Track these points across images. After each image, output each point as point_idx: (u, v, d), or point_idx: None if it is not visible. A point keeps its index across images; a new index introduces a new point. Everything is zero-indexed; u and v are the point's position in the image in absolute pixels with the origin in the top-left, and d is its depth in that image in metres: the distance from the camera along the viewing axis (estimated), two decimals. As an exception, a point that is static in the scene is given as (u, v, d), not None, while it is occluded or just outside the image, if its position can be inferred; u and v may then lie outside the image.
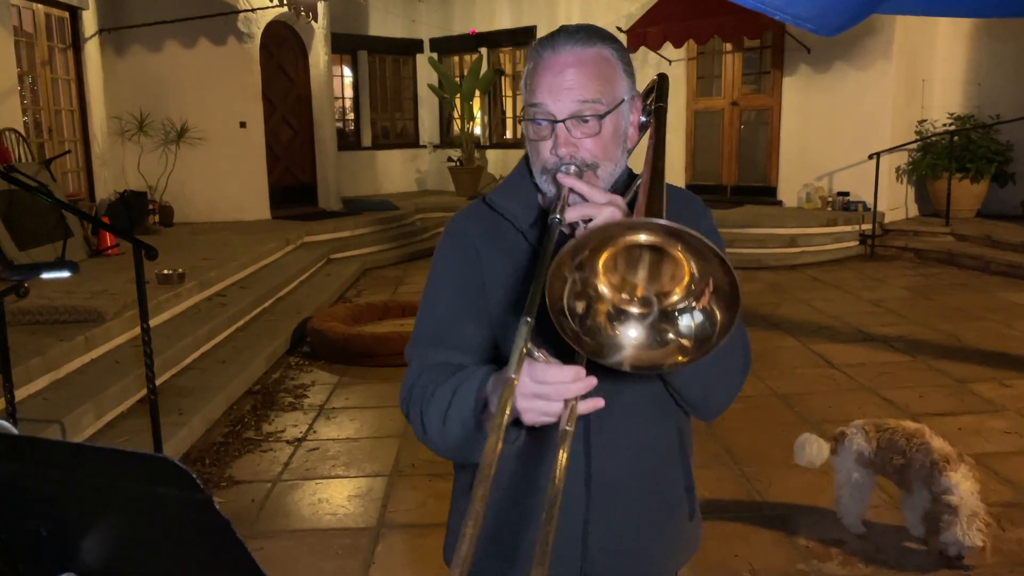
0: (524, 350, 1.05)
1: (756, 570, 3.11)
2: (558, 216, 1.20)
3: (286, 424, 4.78)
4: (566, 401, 1.09)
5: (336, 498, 3.84)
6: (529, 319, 1.06)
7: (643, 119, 1.42)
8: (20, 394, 3.90)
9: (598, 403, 1.10)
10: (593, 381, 1.08)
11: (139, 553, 0.84)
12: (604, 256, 1.06)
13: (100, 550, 0.84)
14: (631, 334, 1.08)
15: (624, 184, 1.37)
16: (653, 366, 1.09)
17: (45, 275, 3.52)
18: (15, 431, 0.83)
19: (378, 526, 3.55)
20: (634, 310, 1.08)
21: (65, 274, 3.40)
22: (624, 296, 1.09)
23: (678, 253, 1.03)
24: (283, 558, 3.30)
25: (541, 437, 1.34)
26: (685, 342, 1.07)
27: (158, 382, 4.07)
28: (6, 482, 0.81)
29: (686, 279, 1.05)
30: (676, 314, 1.07)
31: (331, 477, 4.07)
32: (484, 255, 1.38)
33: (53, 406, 4.08)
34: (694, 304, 1.06)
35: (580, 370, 1.07)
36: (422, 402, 1.29)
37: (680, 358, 1.07)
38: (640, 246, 1.05)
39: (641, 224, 1.04)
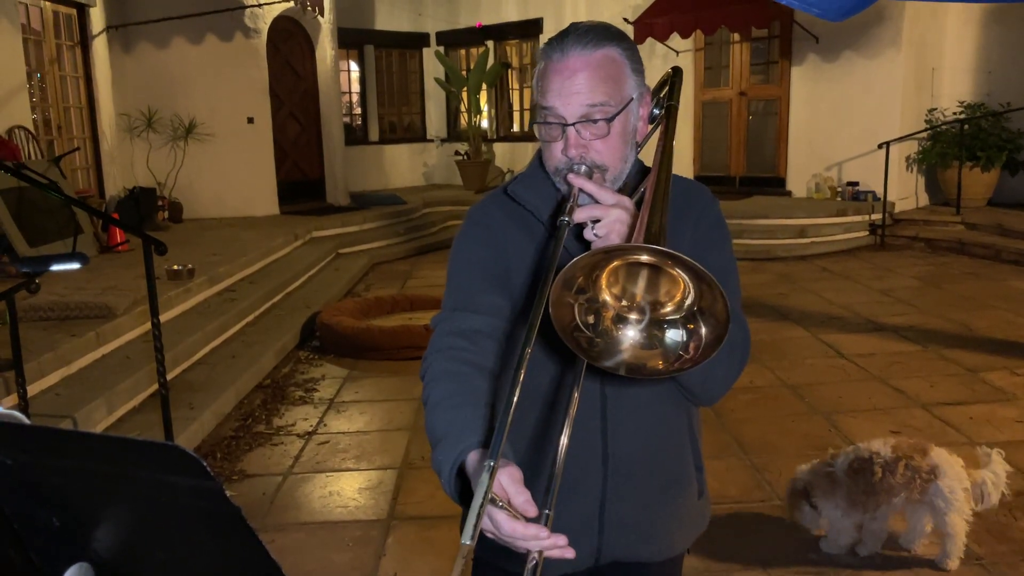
0: (482, 505, 0.95)
1: (767, 560, 3.11)
2: (566, 218, 1.23)
3: (296, 418, 4.80)
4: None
5: (347, 491, 3.85)
6: (491, 463, 0.97)
7: (655, 112, 1.44)
8: (32, 389, 3.93)
9: (567, 553, 1.02)
10: (558, 540, 1.01)
11: (150, 542, 0.84)
12: (606, 271, 1.10)
13: (112, 539, 0.85)
14: (630, 334, 1.12)
15: (635, 179, 1.41)
16: (644, 369, 1.12)
17: (55, 267, 3.53)
18: (27, 421, 0.83)
19: (389, 518, 3.56)
20: (633, 316, 1.12)
21: (75, 266, 3.40)
22: (624, 304, 1.13)
23: (672, 271, 1.07)
24: (295, 550, 3.32)
25: (550, 421, 1.41)
26: (669, 353, 1.11)
27: (169, 377, 4.09)
28: (18, 472, 0.81)
29: (679, 295, 1.09)
30: (665, 325, 1.11)
31: (342, 470, 4.08)
32: (509, 239, 1.42)
33: (65, 401, 4.10)
34: (683, 319, 1.09)
35: (540, 529, 1.01)
36: (427, 397, 1.30)
37: (660, 364, 1.11)
38: (640, 261, 1.09)
39: (630, 249, 1.06)
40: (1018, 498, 3.43)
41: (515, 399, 1.01)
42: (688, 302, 1.08)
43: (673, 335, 1.10)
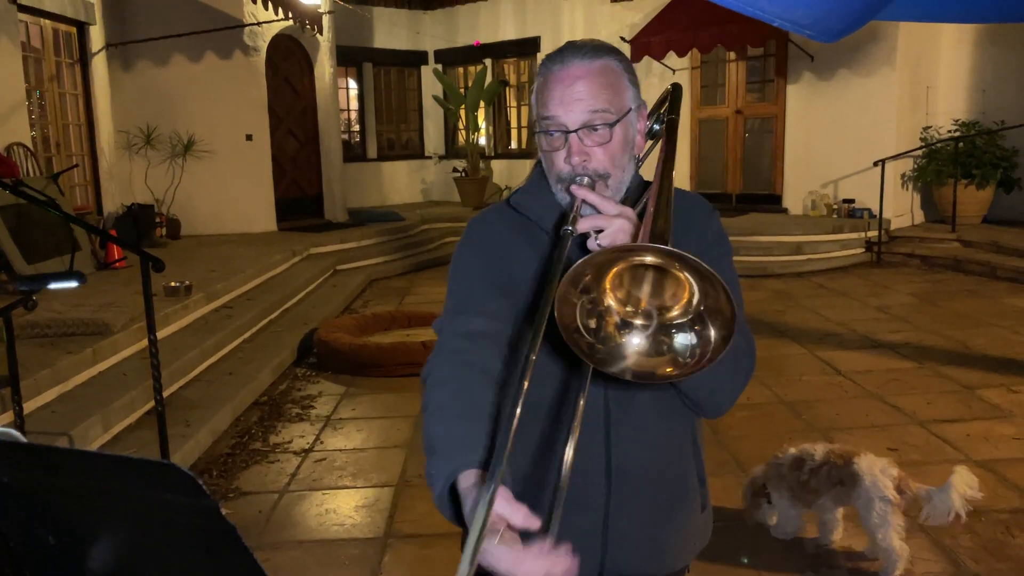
0: (480, 533, 0.92)
1: (764, 578, 3.10)
2: (570, 228, 1.23)
3: (293, 435, 4.79)
4: None
5: (343, 508, 3.84)
6: (488, 495, 0.94)
7: (655, 128, 1.46)
8: (29, 407, 3.92)
9: (570, 573, 1.01)
10: (557, 563, 0.99)
11: (146, 560, 0.84)
12: (611, 274, 1.10)
13: (107, 557, 0.85)
14: (635, 341, 1.12)
15: (636, 192, 1.42)
16: (653, 375, 1.12)
17: (53, 285, 3.52)
18: (23, 439, 0.83)
19: (385, 536, 3.55)
20: (638, 322, 1.13)
21: (73, 284, 3.40)
22: (629, 309, 1.13)
23: (678, 272, 1.07)
24: (290, 568, 3.30)
25: (555, 439, 1.40)
26: (679, 357, 1.11)
27: (165, 394, 4.08)
28: (14, 489, 0.82)
29: (685, 297, 1.10)
30: (673, 329, 1.11)
31: (338, 488, 4.07)
32: (511, 249, 1.42)
33: (61, 418, 4.09)
34: (690, 322, 1.10)
35: (536, 561, 0.99)
36: (427, 401, 1.29)
37: (669, 369, 1.11)
38: (644, 264, 1.09)
39: (638, 249, 1.07)
40: (1015, 515, 3.42)
41: (517, 415, 1.00)
42: (695, 303, 1.08)
43: (683, 339, 1.10)
